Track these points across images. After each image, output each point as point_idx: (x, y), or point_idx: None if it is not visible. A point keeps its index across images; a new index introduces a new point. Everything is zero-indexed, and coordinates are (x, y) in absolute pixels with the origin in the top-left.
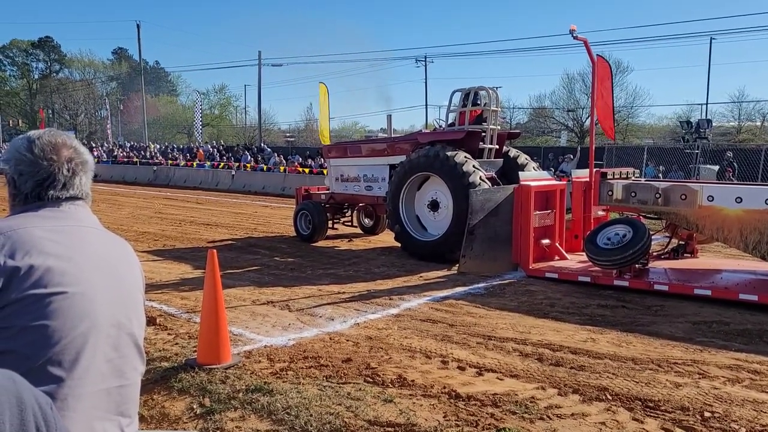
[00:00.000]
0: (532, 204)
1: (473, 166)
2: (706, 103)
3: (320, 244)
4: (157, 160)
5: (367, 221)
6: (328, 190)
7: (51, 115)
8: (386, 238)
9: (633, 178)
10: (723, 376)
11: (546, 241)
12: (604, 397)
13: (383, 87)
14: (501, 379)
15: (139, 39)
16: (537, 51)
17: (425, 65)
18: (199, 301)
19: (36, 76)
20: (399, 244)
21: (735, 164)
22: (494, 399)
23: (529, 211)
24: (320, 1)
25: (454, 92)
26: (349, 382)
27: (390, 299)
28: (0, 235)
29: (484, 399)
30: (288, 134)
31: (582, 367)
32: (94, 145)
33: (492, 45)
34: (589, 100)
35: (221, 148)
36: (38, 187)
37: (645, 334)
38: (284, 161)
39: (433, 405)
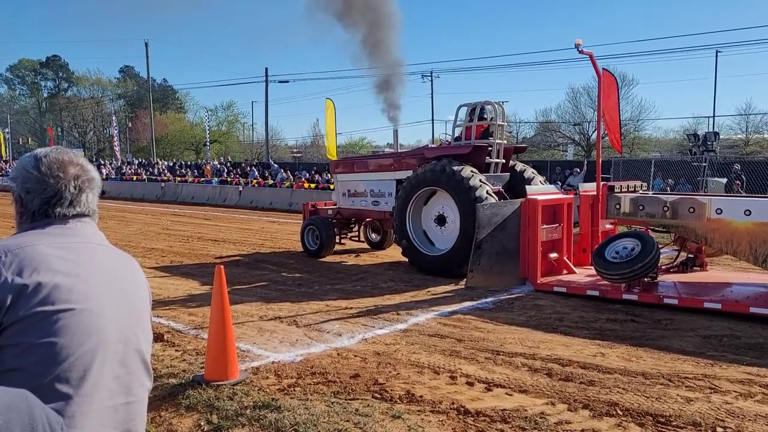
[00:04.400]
0: (540, 218)
1: (480, 181)
2: (713, 116)
3: (327, 259)
4: (165, 177)
5: (374, 236)
6: (336, 205)
7: (60, 133)
8: (393, 253)
9: (641, 191)
10: (735, 391)
11: (554, 255)
12: (614, 413)
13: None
14: (510, 395)
15: (147, 57)
16: (542, 65)
17: (431, 80)
18: (207, 317)
19: (45, 95)
20: (406, 259)
21: (743, 177)
22: (503, 415)
23: (536, 225)
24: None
25: (460, 107)
26: (357, 398)
27: (397, 314)
28: (8, 252)
29: (494, 415)
30: (295, 150)
31: (592, 381)
32: (102, 162)
33: (497, 60)
34: (595, 113)
35: (229, 164)
36: (45, 204)
37: (655, 348)
38: (291, 177)
39: (441, 421)
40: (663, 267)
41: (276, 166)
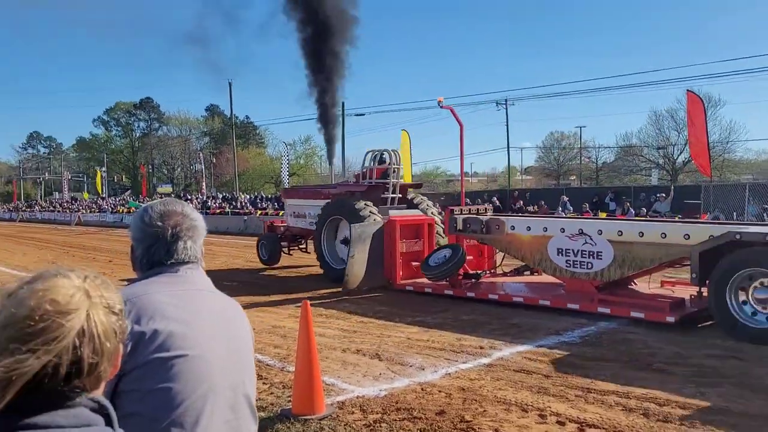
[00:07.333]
0: (398, 234)
1: (369, 211)
2: None
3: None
4: (246, 210)
5: None
6: (286, 224)
7: (151, 171)
8: None
9: (488, 214)
10: None
11: (416, 263)
12: None
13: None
14: None
15: (231, 96)
16: (621, 89)
17: (506, 108)
18: (292, 350)
19: (138, 135)
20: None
21: None
22: None
23: (395, 240)
24: (402, 51)
25: (367, 153)
26: None
27: (480, 348)
28: (126, 301)
29: None
30: None
31: (693, 424)
32: (189, 197)
33: (573, 85)
34: (680, 136)
35: None
36: (146, 253)
37: (759, 388)
38: None
39: None
40: (500, 272)
41: None
